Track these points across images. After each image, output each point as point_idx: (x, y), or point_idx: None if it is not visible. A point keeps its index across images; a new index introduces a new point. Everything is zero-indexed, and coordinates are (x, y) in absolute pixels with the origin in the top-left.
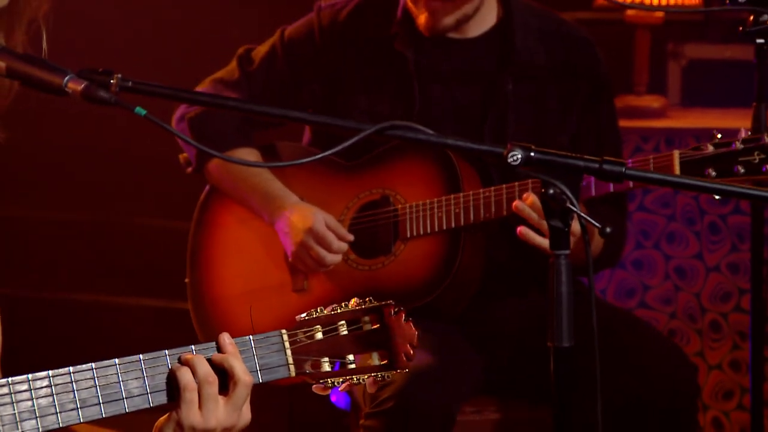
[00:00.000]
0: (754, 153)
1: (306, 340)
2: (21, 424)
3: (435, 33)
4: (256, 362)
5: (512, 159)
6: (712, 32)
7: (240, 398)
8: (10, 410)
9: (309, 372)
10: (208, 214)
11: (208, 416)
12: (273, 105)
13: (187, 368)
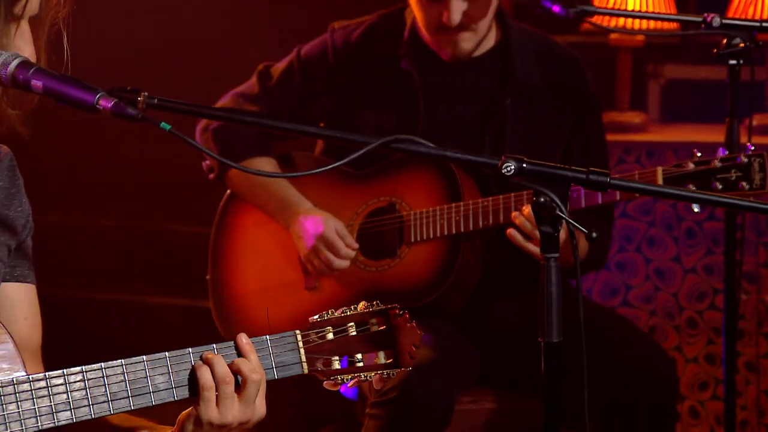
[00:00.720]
0: (731, 171)
1: (318, 340)
2: (56, 415)
3: (457, 59)
4: (272, 360)
5: (506, 170)
6: (688, 54)
7: (251, 395)
8: (47, 402)
9: (321, 369)
10: (228, 217)
11: (224, 413)
12: (289, 117)
13: (207, 368)
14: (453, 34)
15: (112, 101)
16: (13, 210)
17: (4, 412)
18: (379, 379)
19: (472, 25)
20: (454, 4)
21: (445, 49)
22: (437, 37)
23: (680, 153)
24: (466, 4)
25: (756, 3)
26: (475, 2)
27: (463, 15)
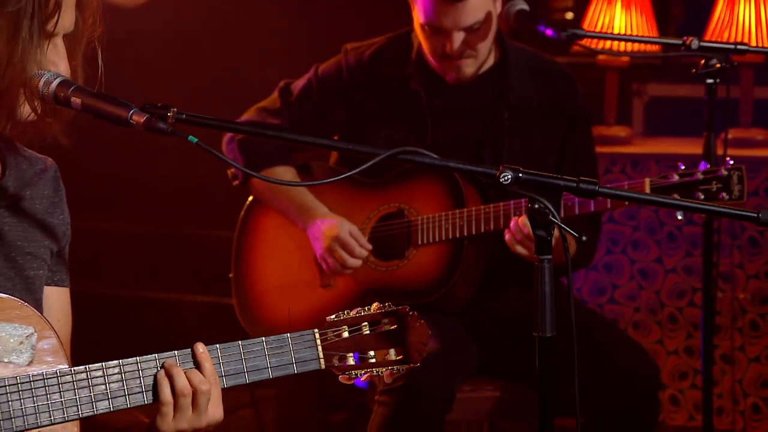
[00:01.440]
0: (712, 183)
1: (334, 338)
2: (96, 404)
3: (460, 82)
4: (293, 356)
5: (503, 179)
6: (669, 74)
7: (203, 405)
8: (87, 392)
9: (336, 365)
10: (250, 220)
11: (179, 422)
12: (307, 130)
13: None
14: (456, 61)
15: (145, 116)
16: (55, 217)
17: (48, 401)
18: (389, 374)
19: (473, 52)
20: (455, 35)
21: (449, 73)
22: (441, 63)
23: (662, 164)
24: (467, 36)
25: (731, 27)
26: (475, 32)
27: (464, 44)
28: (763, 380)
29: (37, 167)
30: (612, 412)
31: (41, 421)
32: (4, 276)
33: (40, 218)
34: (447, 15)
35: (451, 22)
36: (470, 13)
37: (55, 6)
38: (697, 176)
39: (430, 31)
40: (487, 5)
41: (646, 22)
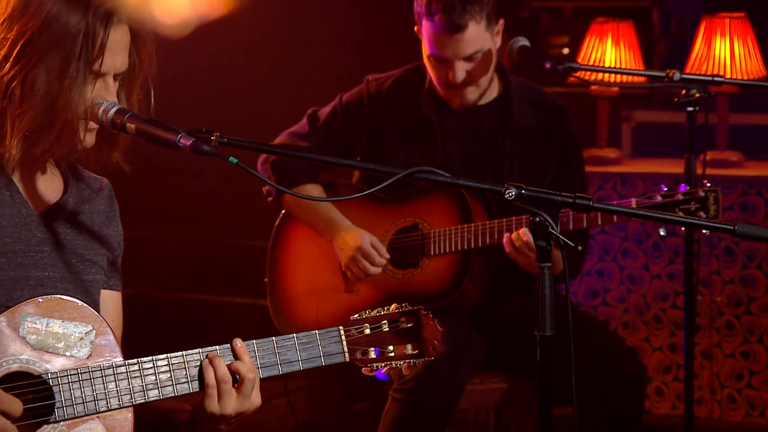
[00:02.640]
0: (691, 203)
1: (357, 334)
2: (147, 393)
3: (463, 108)
4: (321, 350)
5: (508, 195)
6: (654, 102)
7: (248, 390)
8: (139, 382)
9: (359, 358)
10: (282, 232)
11: (224, 406)
12: (332, 152)
13: (211, 369)
14: (459, 89)
15: (191, 140)
16: (111, 229)
17: (105, 390)
18: (407, 366)
19: (474, 80)
20: (457, 64)
21: (453, 100)
22: (447, 91)
23: (648, 181)
24: (468, 65)
25: (708, 62)
26: (475, 62)
27: (467, 74)
28: (737, 374)
29: (95, 186)
30: (603, 401)
31: (99, 407)
32: (66, 280)
33: (97, 230)
34: (448, 46)
35: (451, 52)
36: (468, 43)
37: (100, 49)
38: (678, 197)
39: (435, 62)
40: (485, 39)
41: (633, 56)
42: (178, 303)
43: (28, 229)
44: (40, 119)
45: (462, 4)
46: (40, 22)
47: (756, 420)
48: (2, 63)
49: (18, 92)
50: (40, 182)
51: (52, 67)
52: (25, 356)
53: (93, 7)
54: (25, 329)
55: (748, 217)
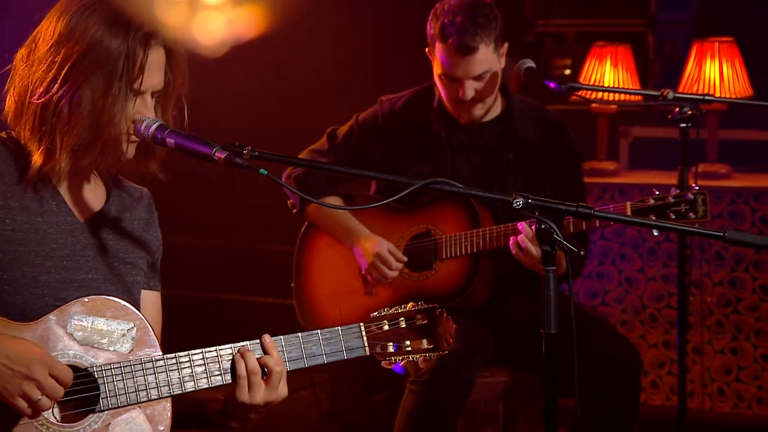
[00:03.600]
0: (681, 205)
1: (377, 330)
2: (184, 384)
3: (471, 124)
4: (343, 345)
5: (516, 204)
6: (650, 119)
7: (275, 382)
8: (177, 375)
9: (378, 352)
10: (306, 240)
11: (253, 396)
12: (350, 166)
13: (242, 362)
14: (468, 106)
15: (225, 153)
16: (150, 235)
17: (146, 382)
18: (423, 360)
19: (481, 98)
20: (467, 83)
21: (462, 116)
22: (456, 107)
23: (644, 191)
24: (477, 84)
25: (699, 82)
26: (483, 81)
27: (475, 92)
28: (727, 368)
29: (135, 195)
30: (603, 393)
31: (140, 398)
32: (109, 282)
33: (138, 235)
34: (459, 66)
35: (462, 71)
36: (478, 64)
37: (139, 70)
38: (669, 199)
39: (447, 81)
40: (493, 60)
41: (630, 77)
42: (211, 303)
43: (73, 235)
44: (86, 134)
45: (474, 28)
46: (85, 46)
47: (744, 411)
48: (51, 84)
49: (66, 110)
50: (84, 192)
51: (96, 86)
52: (72, 351)
53: (132, 31)
54: (73, 326)
55: (736, 224)
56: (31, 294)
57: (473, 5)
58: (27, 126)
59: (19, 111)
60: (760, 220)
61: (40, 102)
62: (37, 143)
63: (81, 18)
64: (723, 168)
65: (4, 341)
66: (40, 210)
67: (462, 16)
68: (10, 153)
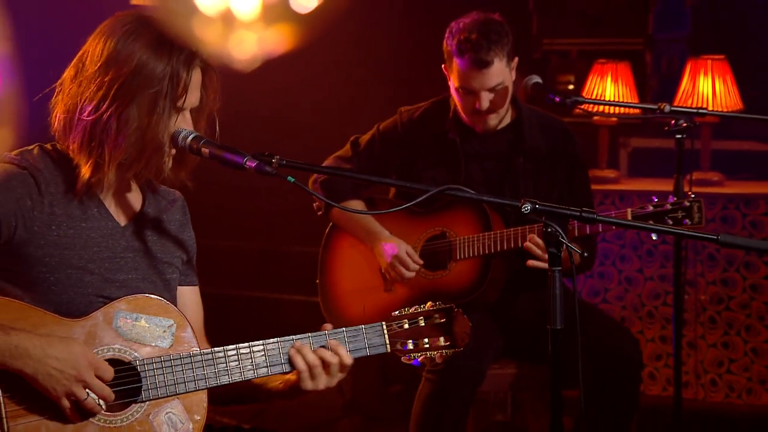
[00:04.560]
0: (678, 212)
1: (397, 328)
2: (219, 378)
3: (485, 132)
4: (366, 342)
5: (525, 209)
6: (647, 130)
7: (335, 371)
8: (213, 369)
9: (399, 349)
10: (330, 241)
11: (317, 383)
12: (372, 173)
13: (300, 356)
14: (483, 116)
15: (255, 162)
16: (184, 235)
17: (184, 376)
18: (440, 356)
19: (496, 109)
20: (483, 94)
21: (477, 125)
22: (472, 118)
23: (642, 197)
24: (491, 95)
25: (693, 96)
26: (497, 92)
27: (490, 103)
28: (719, 361)
29: (169, 198)
30: (606, 383)
31: (179, 390)
32: (148, 280)
33: (174, 235)
34: (476, 79)
35: (478, 84)
36: (493, 77)
37: (183, 89)
38: (666, 207)
39: (464, 93)
40: (505, 73)
41: (629, 92)
42: (243, 300)
43: (113, 239)
44: (132, 149)
45: (488, 43)
46: (132, 68)
47: (735, 401)
48: (100, 102)
49: (114, 127)
50: (123, 198)
51: (142, 105)
52: (117, 345)
53: (176, 53)
54: (118, 323)
55: (728, 228)
56: (76, 293)
57: (487, 23)
58: (76, 140)
59: (68, 126)
60: (750, 224)
61: (90, 119)
62: (86, 157)
63: (127, 41)
64: (715, 176)
65: (52, 343)
66: (83, 216)
67: (477, 33)
68: (56, 164)
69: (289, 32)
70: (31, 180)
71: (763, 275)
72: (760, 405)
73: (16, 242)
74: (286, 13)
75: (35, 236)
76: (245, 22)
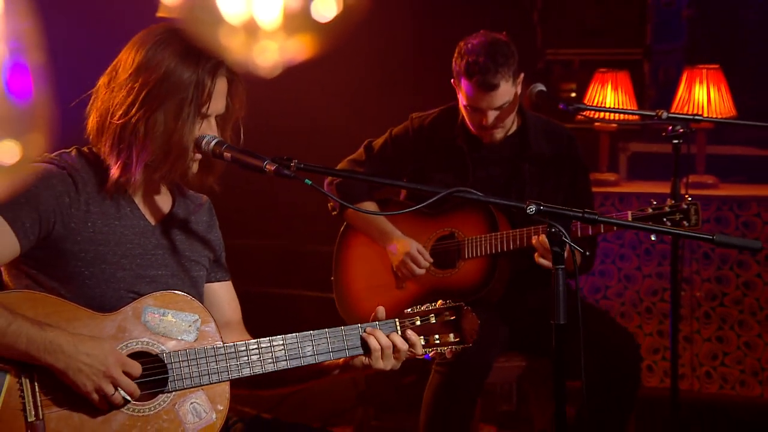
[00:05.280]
0: (676, 213)
1: (410, 325)
2: (241, 370)
3: (492, 142)
4: None
5: (529, 211)
6: (646, 135)
7: (402, 356)
8: (235, 362)
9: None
10: (344, 239)
11: (386, 364)
12: (384, 175)
13: (373, 337)
14: (489, 130)
15: (275, 166)
16: (212, 235)
17: (208, 368)
18: (450, 351)
19: (502, 123)
20: (489, 113)
21: (484, 138)
22: (478, 132)
23: (641, 199)
24: (497, 113)
25: (689, 103)
26: (503, 110)
27: (496, 119)
28: (713, 354)
29: (197, 202)
30: (606, 375)
31: (203, 381)
32: (176, 277)
33: (201, 236)
34: (483, 100)
35: (485, 104)
36: (499, 97)
37: (207, 96)
38: (665, 209)
39: (471, 110)
40: (510, 92)
41: (628, 99)
42: (264, 296)
43: (145, 237)
44: (159, 152)
45: (495, 66)
46: (160, 75)
47: (728, 392)
48: (130, 107)
49: (142, 130)
50: (154, 199)
51: (169, 110)
52: (145, 339)
53: (202, 62)
54: (146, 317)
55: (722, 228)
56: (109, 288)
57: (494, 44)
58: (107, 143)
59: (100, 129)
60: (743, 225)
61: (120, 122)
62: (116, 158)
63: (157, 50)
64: (710, 179)
65: (82, 341)
66: (117, 215)
67: (484, 56)
68: (91, 165)
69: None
70: (69, 179)
71: (755, 273)
72: (753, 396)
73: (55, 238)
74: (306, 22)
75: (72, 232)
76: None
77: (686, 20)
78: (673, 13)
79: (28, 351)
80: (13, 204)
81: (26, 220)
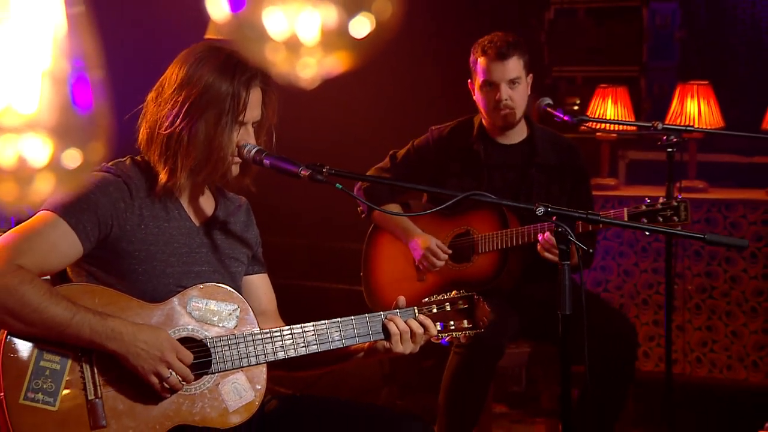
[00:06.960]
0: (667, 210)
1: (428, 313)
2: (276, 353)
3: (506, 128)
4: None
5: (538, 212)
6: (642, 144)
7: (419, 340)
8: (271, 346)
9: None
10: (372, 238)
11: (405, 348)
12: (407, 180)
13: (393, 323)
14: (504, 113)
15: (309, 171)
16: (249, 234)
17: (247, 351)
18: (464, 336)
19: (513, 103)
20: (503, 86)
21: (498, 121)
22: (493, 114)
23: (638, 201)
24: (510, 91)
25: (682, 116)
26: (515, 91)
27: (509, 98)
28: (703, 341)
29: (236, 203)
30: (607, 360)
31: (242, 363)
32: (218, 272)
33: (240, 235)
34: (497, 70)
35: (499, 74)
36: (512, 69)
37: (243, 106)
38: (657, 206)
39: (486, 88)
40: (523, 73)
41: (627, 112)
42: (298, 288)
43: (190, 236)
44: (201, 157)
45: (507, 44)
46: (201, 89)
47: (717, 375)
48: (175, 119)
49: (186, 139)
50: (198, 202)
51: (209, 120)
52: (191, 326)
53: (237, 76)
54: (191, 307)
55: (711, 228)
56: (159, 282)
57: (507, 34)
58: (156, 151)
59: (149, 140)
60: (730, 225)
61: (166, 133)
62: (163, 164)
63: (197, 67)
64: (701, 184)
65: (141, 329)
66: (166, 217)
67: (498, 37)
68: (143, 172)
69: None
70: (124, 186)
71: (742, 268)
72: (739, 379)
73: (112, 239)
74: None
75: (127, 234)
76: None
77: (679, 41)
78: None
79: (92, 339)
80: (75, 210)
81: (87, 224)
